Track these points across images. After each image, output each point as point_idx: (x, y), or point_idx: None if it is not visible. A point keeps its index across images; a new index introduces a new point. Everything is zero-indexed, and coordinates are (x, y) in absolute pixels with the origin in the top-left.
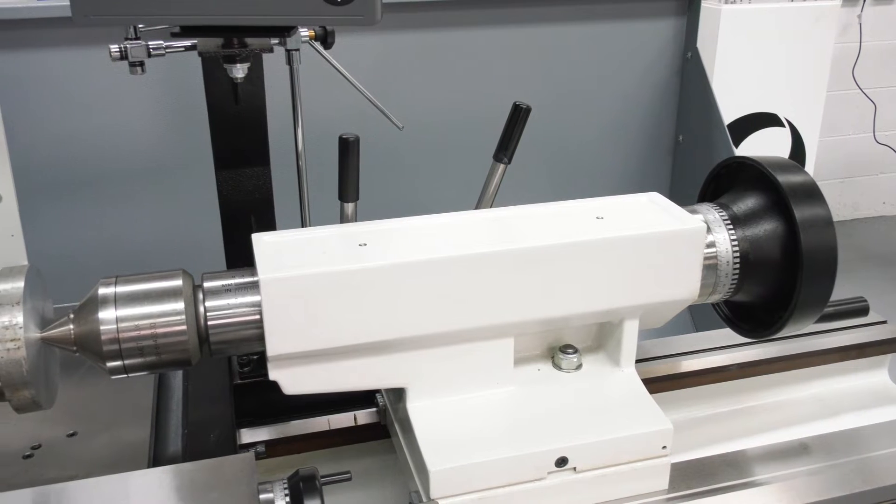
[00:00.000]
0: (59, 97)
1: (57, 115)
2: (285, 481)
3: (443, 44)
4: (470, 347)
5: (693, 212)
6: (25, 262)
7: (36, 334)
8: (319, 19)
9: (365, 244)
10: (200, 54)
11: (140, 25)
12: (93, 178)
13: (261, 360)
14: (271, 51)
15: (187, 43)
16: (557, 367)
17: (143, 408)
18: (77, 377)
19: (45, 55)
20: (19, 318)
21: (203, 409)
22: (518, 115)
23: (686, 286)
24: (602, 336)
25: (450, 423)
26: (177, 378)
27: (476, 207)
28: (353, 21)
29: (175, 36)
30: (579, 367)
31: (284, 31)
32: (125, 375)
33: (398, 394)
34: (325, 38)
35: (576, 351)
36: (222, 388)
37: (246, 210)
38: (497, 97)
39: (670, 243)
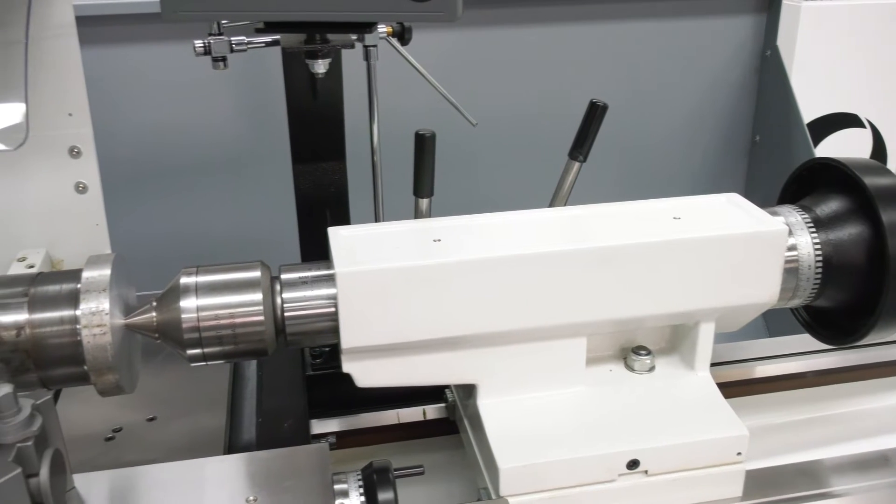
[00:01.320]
0: (142, 91)
1: (140, 108)
2: (359, 473)
3: (517, 40)
4: (542, 346)
5: (774, 213)
6: (108, 251)
7: (120, 321)
8: (401, 15)
9: (439, 240)
10: (283, 50)
11: (223, 22)
12: (173, 170)
13: (332, 353)
14: (353, 47)
15: (268, 39)
16: (630, 368)
17: (219, 395)
18: (156, 364)
19: (129, 50)
20: (106, 305)
21: (277, 398)
22: (594, 113)
23: (765, 290)
24: (676, 338)
25: (520, 421)
26: (251, 367)
27: (550, 205)
28: (435, 17)
29: (259, 32)
30: (652, 369)
31: (366, 28)
32: (203, 363)
33: (468, 390)
34: (402, 35)
35: (649, 353)
36: (295, 379)
37: (321, 204)
38: (571, 94)
39: (750, 245)
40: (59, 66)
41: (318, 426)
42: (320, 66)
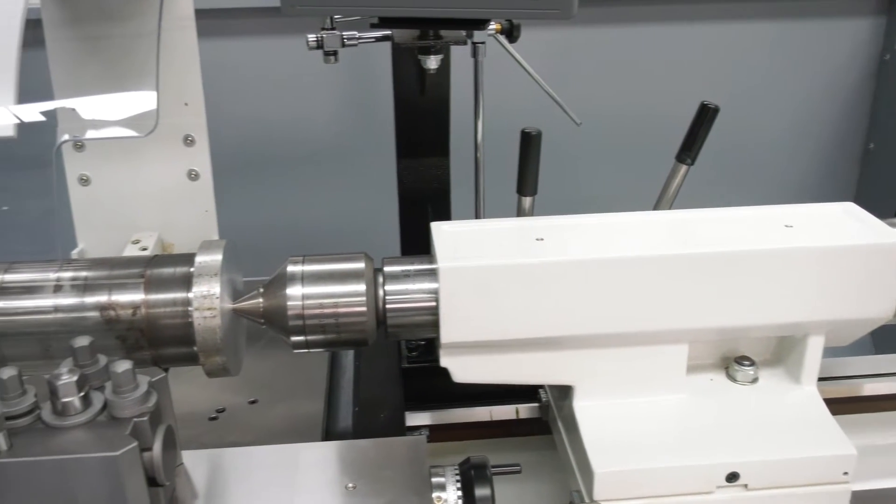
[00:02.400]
0: (251, 83)
1: (248, 100)
2: (456, 467)
3: (624, 39)
4: (643, 351)
5: (893, 225)
6: (216, 237)
7: (229, 305)
8: (516, 13)
9: (542, 239)
10: (396, 45)
11: (336, 17)
12: (279, 161)
13: (428, 346)
14: (465, 43)
15: (379, 34)
16: (732, 378)
17: (317, 383)
18: (258, 348)
19: (239, 43)
20: (217, 289)
21: (373, 389)
22: (705, 115)
23: (881, 305)
24: (782, 350)
25: (617, 426)
26: (348, 357)
27: (655, 208)
28: (549, 15)
29: (373, 27)
30: (755, 380)
31: (480, 24)
32: (306, 350)
33: (564, 391)
34: (511, 32)
35: (752, 363)
36: (391, 371)
37: (423, 199)
38: (677, 95)
39: (867, 258)
40: (177, 57)
41: (412, 418)
42: (432, 62)
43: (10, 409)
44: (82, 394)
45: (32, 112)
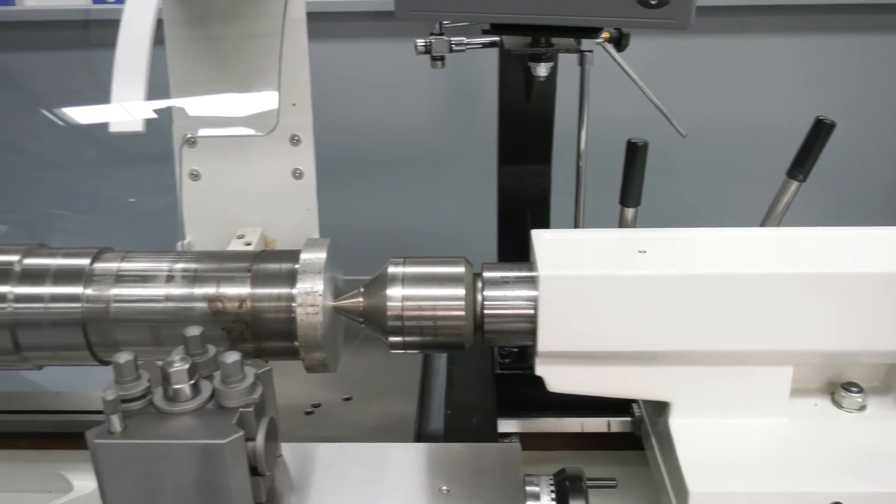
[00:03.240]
0: (354, 85)
1: (350, 101)
2: (551, 477)
3: (731, 50)
4: (745, 371)
5: None
6: (317, 235)
7: (330, 302)
8: (631, 21)
9: (645, 251)
10: (505, 51)
11: (446, 22)
12: (380, 162)
13: (521, 353)
14: (577, 51)
15: (487, 40)
16: (837, 404)
17: (411, 384)
18: (353, 346)
19: (346, 46)
20: (320, 286)
21: (466, 393)
22: (820, 131)
23: None
24: (893, 377)
25: (714, 446)
26: (441, 360)
27: (762, 224)
28: (665, 24)
29: (484, 33)
30: (863, 408)
31: (593, 33)
32: (402, 351)
33: (659, 407)
34: (619, 41)
35: (860, 390)
36: (484, 376)
37: (523, 206)
38: (786, 108)
39: None
40: (287, 58)
41: (502, 425)
42: (542, 70)
43: (125, 393)
44: (192, 382)
45: (154, 109)
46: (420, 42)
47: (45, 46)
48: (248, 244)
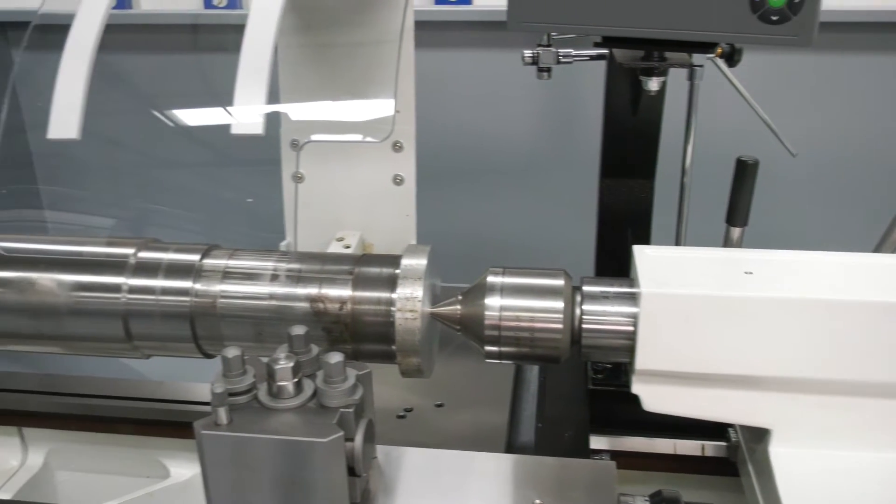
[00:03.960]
0: (456, 92)
1: (449, 109)
2: (647, 498)
3: (846, 67)
4: (854, 401)
5: None
6: (414, 240)
7: (428, 308)
8: (751, 37)
9: (751, 272)
10: (613, 64)
11: (554, 33)
12: (478, 170)
13: (614, 370)
14: (690, 66)
15: (595, 52)
16: None
17: (502, 394)
18: (447, 354)
19: (451, 54)
20: (419, 292)
21: (558, 407)
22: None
23: None
24: None
25: (818, 479)
26: (532, 371)
27: (876, 250)
28: (787, 41)
29: (596, 46)
30: None
31: (709, 48)
32: (497, 361)
33: (758, 434)
34: (731, 56)
35: None
36: (577, 391)
37: (624, 221)
38: None
39: None
40: (389, 66)
41: (593, 441)
42: (654, 84)
43: (232, 387)
44: (296, 380)
45: (269, 112)
46: (527, 53)
47: (157, 49)
48: (348, 247)
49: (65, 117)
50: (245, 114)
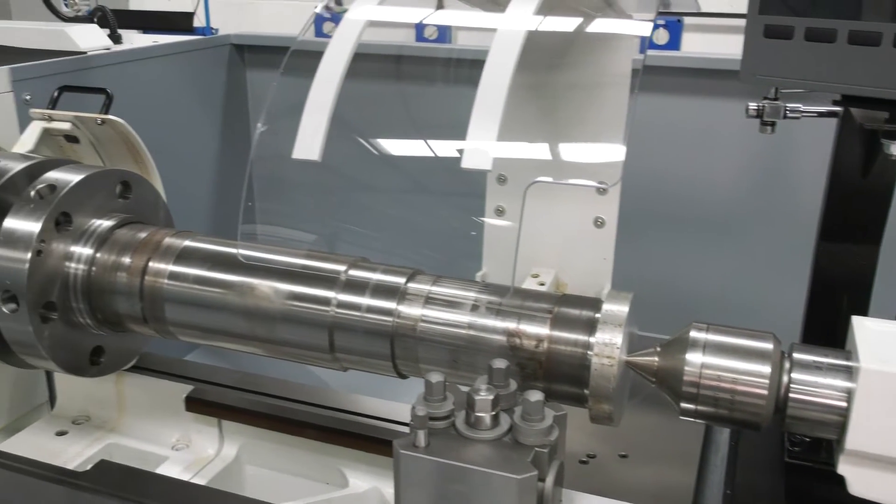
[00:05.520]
0: (665, 137)
1: (660, 153)
2: None
3: None
4: None
5: None
6: (609, 285)
7: (625, 356)
8: None
9: None
10: (852, 123)
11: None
12: (681, 217)
13: (813, 444)
14: None
15: (826, 109)
16: None
17: (690, 454)
18: (634, 403)
19: (659, 99)
20: (619, 339)
21: (750, 476)
22: None
23: None
24: None
25: None
26: (723, 434)
27: None
28: None
29: (835, 104)
30: None
31: None
32: (692, 420)
33: None
34: None
35: None
36: (772, 461)
37: (840, 288)
38: None
39: None
40: (606, 110)
41: None
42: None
43: (432, 411)
44: (494, 412)
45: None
46: (752, 105)
47: (363, 76)
48: (542, 284)
49: (309, 140)
50: (475, 149)
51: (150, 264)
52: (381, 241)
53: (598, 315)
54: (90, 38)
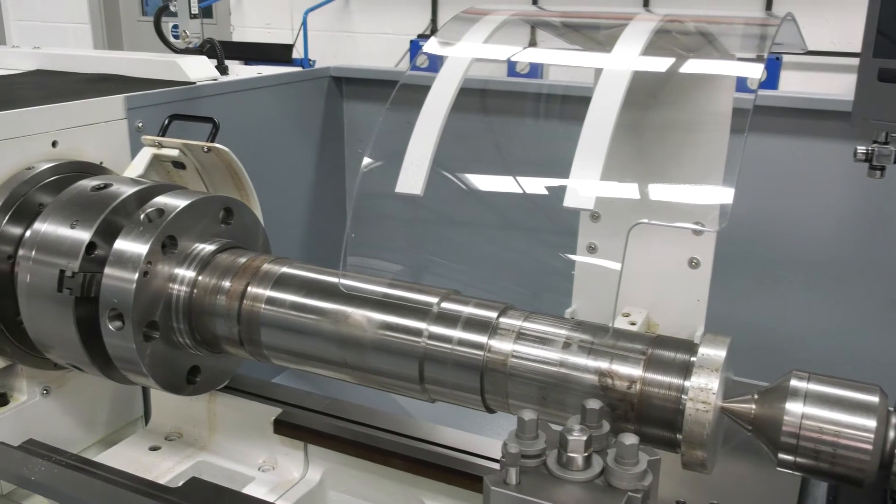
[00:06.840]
0: (769, 178)
1: (762, 194)
2: None
3: None
4: None
5: None
6: (702, 327)
7: (721, 402)
8: None
9: None
10: None
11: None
12: (773, 259)
13: None
14: None
15: None
16: None
17: None
18: (726, 451)
19: (759, 139)
20: (715, 385)
21: None
22: None
23: None
24: None
25: None
26: (821, 487)
27: None
28: None
29: None
30: None
31: None
32: (791, 472)
33: None
34: None
35: None
36: None
37: None
38: None
39: None
40: (705, 149)
41: None
42: None
43: (524, 449)
44: (586, 454)
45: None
46: (860, 149)
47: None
48: (633, 324)
49: (413, 175)
50: (578, 188)
51: (249, 289)
52: (468, 273)
53: (693, 358)
54: (199, 69)
